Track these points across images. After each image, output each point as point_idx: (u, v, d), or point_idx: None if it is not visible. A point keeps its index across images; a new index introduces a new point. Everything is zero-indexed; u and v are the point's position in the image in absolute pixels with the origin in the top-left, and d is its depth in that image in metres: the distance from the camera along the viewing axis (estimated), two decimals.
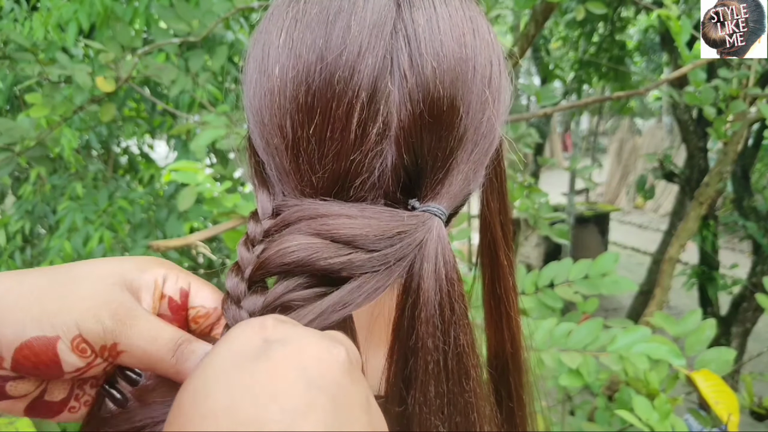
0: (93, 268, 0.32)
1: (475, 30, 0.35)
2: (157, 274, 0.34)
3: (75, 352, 0.29)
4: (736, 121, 1.69)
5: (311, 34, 0.33)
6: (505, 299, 0.44)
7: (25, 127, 1.51)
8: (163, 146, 2.49)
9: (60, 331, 0.29)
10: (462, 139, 0.35)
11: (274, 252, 0.33)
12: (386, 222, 0.33)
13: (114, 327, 0.30)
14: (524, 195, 1.60)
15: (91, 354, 0.30)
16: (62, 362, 0.29)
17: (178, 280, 0.35)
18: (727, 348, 1.10)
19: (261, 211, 0.36)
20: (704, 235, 2.89)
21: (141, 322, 0.31)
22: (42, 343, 0.29)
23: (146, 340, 0.30)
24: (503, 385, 0.47)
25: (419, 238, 0.33)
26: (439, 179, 0.35)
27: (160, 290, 0.34)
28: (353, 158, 0.33)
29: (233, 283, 0.34)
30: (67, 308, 0.29)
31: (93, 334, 0.29)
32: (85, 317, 0.29)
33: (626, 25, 3.65)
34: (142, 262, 0.34)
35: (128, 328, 0.30)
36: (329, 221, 0.33)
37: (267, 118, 0.35)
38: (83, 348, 0.29)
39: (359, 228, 0.33)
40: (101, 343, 0.30)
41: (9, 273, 0.31)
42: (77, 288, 0.31)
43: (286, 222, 0.34)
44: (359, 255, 0.32)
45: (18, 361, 0.29)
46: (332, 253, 0.32)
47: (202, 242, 1.23)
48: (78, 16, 1.80)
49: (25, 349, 0.29)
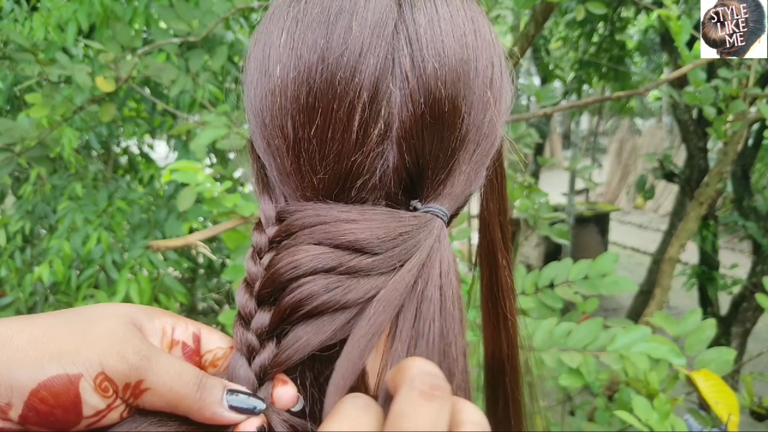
0: (107, 309, 0.32)
1: (477, 30, 0.35)
2: (165, 321, 0.34)
3: (98, 391, 0.28)
4: (736, 121, 1.69)
5: (312, 35, 0.33)
6: (502, 300, 0.44)
7: (25, 127, 1.51)
8: (163, 146, 2.49)
9: (83, 369, 0.27)
10: (464, 140, 0.35)
11: (278, 269, 0.33)
12: (388, 223, 0.33)
13: (140, 364, 0.29)
14: (524, 195, 1.60)
15: (113, 394, 0.28)
16: (83, 404, 0.27)
17: (188, 327, 0.34)
18: (727, 348, 1.10)
19: (264, 220, 0.36)
20: (704, 235, 2.89)
21: (165, 359, 0.30)
22: (63, 383, 0.27)
23: (172, 377, 0.30)
24: (500, 386, 0.47)
25: (422, 239, 0.33)
26: (441, 180, 0.35)
27: (169, 337, 0.34)
28: (354, 159, 0.33)
29: (243, 300, 0.34)
30: (88, 346, 0.28)
31: (117, 372, 0.28)
32: (108, 354, 0.28)
33: (626, 25, 3.64)
34: (148, 309, 0.34)
35: (154, 365, 0.29)
36: (331, 228, 0.33)
37: (268, 118, 0.35)
38: (106, 387, 0.28)
39: (361, 232, 0.32)
40: (125, 381, 0.28)
41: (15, 317, 0.29)
42: (95, 327, 0.29)
43: (290, 231, 0.34)
44: (365, 259, 0.32)
45: (32, 406, 0.26)
46: (336, 261, 0.32)
47: (202, 242, 1.23)
48: (77, 16, 1.80)
49: (43, 391, 0.26)
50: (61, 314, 0.30)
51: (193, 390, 0.30)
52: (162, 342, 0.33)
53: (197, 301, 2.53)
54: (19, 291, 2.04)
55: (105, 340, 0.29)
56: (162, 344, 0.33)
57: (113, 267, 1.94)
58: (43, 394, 0.26)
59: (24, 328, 0.28)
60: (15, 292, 2.05)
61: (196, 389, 0.30)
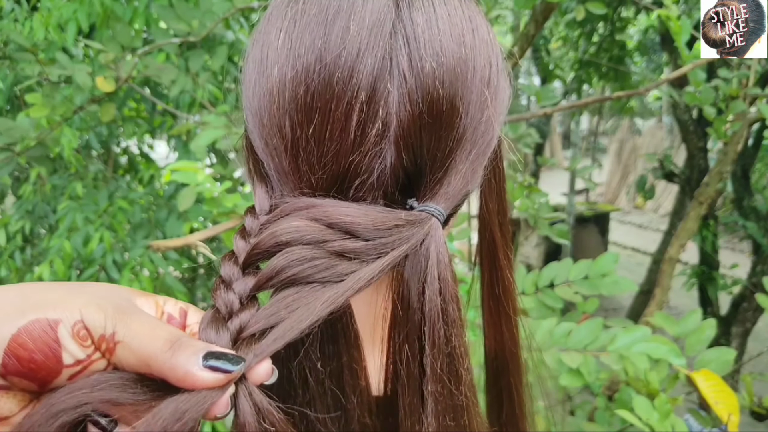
0: (100, 284, 0.32)
1: (475, 30, 0.35)
2: (157, 297, 0.34)
3: (76, 339, 0.28)
4: (736, 121, 1.69)
5: (310, 35, 0.33)
6: (503, 300, 0.44)
7: (25, 127, 1.52)
8: (163, 146, 2.49)
9: (62, 316, 0.28)
10: (461, 139, 0.35)
11: (268, 233, 0.32)
12: (384, 215, 0.33)
13: (115, 316, 0.29)
14: (524, 195, 1.60)
15: (90, 345, 0.28)
16: (63, 350, 0.27)
17: (176, 303, 0.34)
18: (727, 348, 1.10)
19: (258, 207, 0.36)
20: (704, 235, 2.89)
21: (142, 316, 0.30)
22: (42, 326, 0.27)
23: (145, 332, 0.29)
24: (504, 386, 0.47)
25: (416, 235, 0.33)
26: (438, 179, 0.35)
27: (161, 309, 0.33)
28: (352, 159, 0.33)
29: (226, 267, 0.33)
30: (69, 300, 0.28)
31: (94, 321, 0.28)
32: (88, 305, 0.28)
33: (626, 25, 3.64)
34: (142, 291, 0.34)
35: (129, 318, 0.29)
36: (328, 209, 0.33)
37: (266, 118, 0.35)
38: (84, 335, 0.28)
39: (357, 216, 0.32)
40: (101, 332, 0.28)
41: (14, 285, 0.30)
42: (84, 287, 0.30)
43: (283, 213, 0.34)
44: (355, 242, 0.32)
45: (12, 352, 0.26)
46: (328, 237, 0.32)
47: (202, 242, 1.23)
48: (77, 16, 1.80)
49: (23, 335, 0.27)
50: (46, 282, 0.30)
51: (166, 347, 0.29)
52: (155, 313, 0.33)
53: (197, 301, 2.53)
54: None
55: (89, 295, 0.29)
56: (156, 313, 0.33)
57: (114, 267, 1.94)
58: (23, 339, 0.27)
59: (13, 287, 0.29)
60: None
61: (169, 346, 0.29)
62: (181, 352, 0.29)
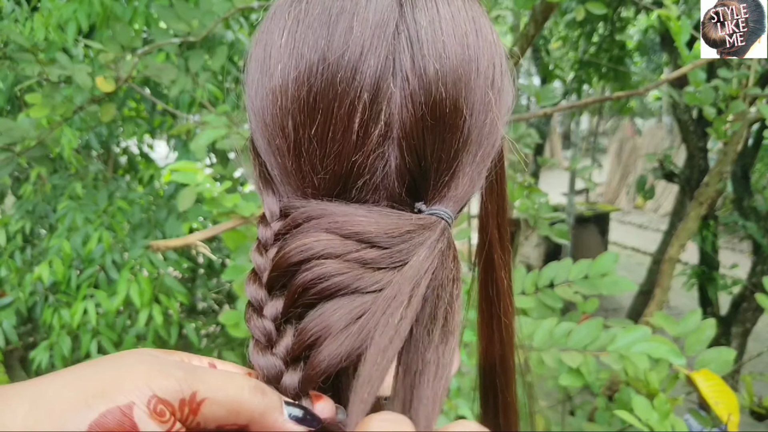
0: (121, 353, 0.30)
1: (478, 31, 0.35)
2: (182, 355, 0.32)
3: (154, 417, 0.25)
4: (736, 121, 1.69)
5: (313, 35, 0.33)
6: (497, 301, 0.44)
7: (25, 127, 1.52)
8: (163, 146, 2.49)
9: (132, 397, 0.25)
10: (466, 141, 0.35)
11: (287, 252, 0.32)
12: (395, 221, 0.33)
13: (187, 376, 0.26)
14: (524, 195, 1.60)
15: (170, 417, 0.26)
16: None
17: (201, 359, 0.33)
18: (727, 348, 1.10)
19: (269, 214, 0.35)
20: (704, 235, 2.89)
21: (207, 370, 0.28)
22: (115, 417, 0.24)
23: (226, 384, 0.27)
24: (491, 387, 0.47)
25: (426, 238, 0.33)
26: (445, 182, 0.35)
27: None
28: (355, 159, 0.33)
29: (252, 290, 0.33)
30: (127, 375, 0.26)
31: (168, 390, 0.26)
32: (152, 376, 0.26)
33: (626, 25, 3.64)
34: (164, 350, 0.32)
35: (201, 374, 0.27)
36: (339, 219, 0.32)
37: (269, 118, 0.35)
38: (161, 410, 0.25)
39: (369, 225, 0.32)
40: (179, 397, 0.26)
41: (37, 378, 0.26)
42: (123, 360, 0.27)
43: (296, 222, 0.33)
44: (372, 251, 0.32)
45: None
46: (345, 249, 0.32)
47: (202, 242, 1.23)
48: (77, 16, 1.80)
49: (97, 430, 0.24)
50: (76, 366, 0.27)
51: (249, 393, 0.27)
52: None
53: (197, 301, 2.53)
54: (19, 291, 2.04)
55: (141, 366, 0.26)
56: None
57: (113, 267, 1.94)
58: None
59: (52, 378, 0.26)
60: (15, 292, 2.05)
61: (255, 392, 0.28)
62: (267, 399, 0.28)
